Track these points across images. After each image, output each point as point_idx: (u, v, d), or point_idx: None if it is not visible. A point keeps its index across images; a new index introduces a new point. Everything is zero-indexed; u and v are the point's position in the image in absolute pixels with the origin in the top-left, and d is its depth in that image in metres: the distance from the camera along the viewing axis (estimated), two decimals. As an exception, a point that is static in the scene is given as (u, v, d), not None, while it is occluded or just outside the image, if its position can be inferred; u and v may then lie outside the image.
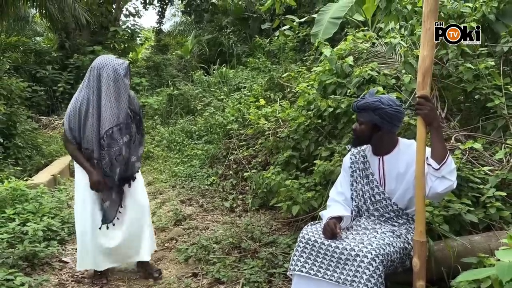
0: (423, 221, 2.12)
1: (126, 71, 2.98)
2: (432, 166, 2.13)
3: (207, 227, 4.23)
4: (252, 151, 5.66)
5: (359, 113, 2.43)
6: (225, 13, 16.83)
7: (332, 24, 8.31)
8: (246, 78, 9.77)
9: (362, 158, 2.52)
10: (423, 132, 2.13)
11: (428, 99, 2.09)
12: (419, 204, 2.13)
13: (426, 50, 2.08)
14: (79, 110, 2.96)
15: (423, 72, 2.08)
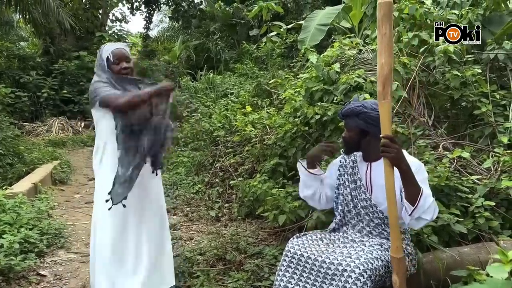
0: (398, 236, 2.02)
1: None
2: (406, 209, 2.08)
3: (191, 237, 4.13)
4: (239, 158, 5.57)
5: (345, 120, 2.39)
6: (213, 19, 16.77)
7: (319, 31, 8.29)
8: (233, 84, 9.70)
9: (351, 163, 2.46)
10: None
11: (393, 140, 1.96)
12: (392, 219, 2.02)
13: (384, 57, 1.91)
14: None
15: (383, 81, 1.91)
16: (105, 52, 2.71)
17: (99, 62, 2.73)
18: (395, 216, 1.98)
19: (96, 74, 2.75)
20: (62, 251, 4.05)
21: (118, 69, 2.70)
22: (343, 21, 9.74)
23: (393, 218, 1.99)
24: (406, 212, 2.08)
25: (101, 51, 2.75)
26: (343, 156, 2.54)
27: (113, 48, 2.73)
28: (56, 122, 11.74)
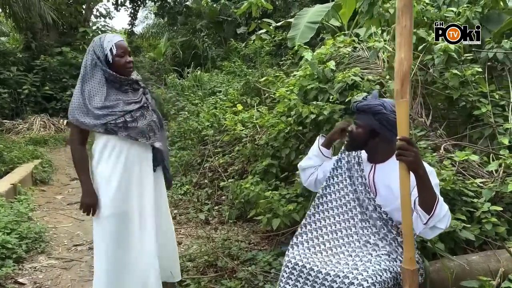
0: (412, 246, 1.87)
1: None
2: (420, 217, 1.92)
3: (180, 242, 3.94)
4: (228, 158, 5.39)
5: (357, 115, 2.23)
6: (199, 16, 16.53)
7: (309, 29, 8.17)
8: (221, 82, 9.50)
9: (356, 165, 2.31)
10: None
11: (411, 142, 1.79)
12: (406, 229, 1.86)
13: (404, 52, 1.75)
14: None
15: (402, 78, 1.75)
16: (108, 43, 2.44)
17: (98, 55, 2.43)
18: (409, 225, 1.83)
19: (83, 74, 2.46)
20: (42, 256, 3.83)
21: (124, 62, 2.46)
22: (332, 20, 9.65)
23: (407, 228, 1.83)
24: (420, 220, 1.92)
25: (100, 42, 2.45)
26: (345, 152, 2.38)
27: (116, 39, 2.48)
28: (37, 119, 11.38)
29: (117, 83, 2.47)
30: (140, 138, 2.48)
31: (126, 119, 2.42)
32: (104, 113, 2.38)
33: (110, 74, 2.43)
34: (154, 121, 2.59)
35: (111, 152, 2.45)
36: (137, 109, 2.49)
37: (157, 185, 2.70)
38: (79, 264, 3.69)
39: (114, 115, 2.40)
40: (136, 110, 2.48)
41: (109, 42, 2.44)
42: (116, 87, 2.48)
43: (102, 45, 2.45)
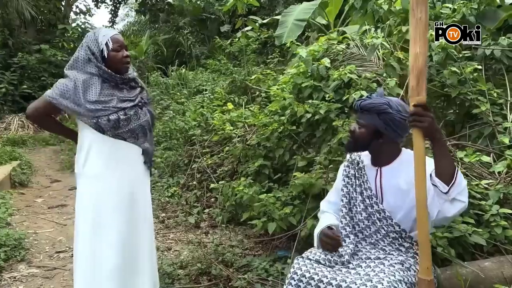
0: (428, 255, 1.74)
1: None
2: (439, 188, 1.77)
3: (169, 247, 3.76)
4: (217, 159, 5.21)
5: (360, 114, 2.07)
6: (182, 14, 16.28)
7: (296, 26, 8.04)
8: (206, 80, 9.30)
9: (360, 171, 2.15)
10: (421, 148, 1.69)
11: (426, 107, 1.69)
12: (422, 234, 1.73)
13: (419, 46, 1.64)
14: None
15: (417, 74, 1.64)
16: (103, 37, 2.28)
17: (93, 51, 2.26)
18: (425, 233, 1.69)
19: (73, 65, 2.29)
20: (22, 265, 3.61)
21: (120, 57, 2.30)
22: (318, 17, 9.54)
23: (423, 235, 1.70)
24: (438, 193, 1.77)
25: (94, 37, 2.29)
26: (349, 161, 2.23)
27: (112, 33, 2.32)
28: (15, 119, 11.02)
29: (112, 81, 2.31)
30: (128, 138, 2.33)
31: (119, 116, 2.26)
32: (96, 107, 2.22)
33: (105, 72, 2.27)
34: (147, 121, 2.43)
35: (99, 151, 2.28)
36: (131, 107, 2.33)
37: (146, 187, 2.54)
38: (62, 273, 3.47)
39: (108, 111, 2.24)
40: (130, 108, 2.32)
41: (104, 36, 2.28)
42: (112, 84, 2.32)
43: (97, 39, 2.28)
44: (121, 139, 2.30)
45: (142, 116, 2.38)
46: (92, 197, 2.28)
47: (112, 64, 2.29)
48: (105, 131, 2.24)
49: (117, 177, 2.31)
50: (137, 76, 2.50)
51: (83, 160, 2.30)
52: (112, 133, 2.26)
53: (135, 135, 2.34)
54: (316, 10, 8.57)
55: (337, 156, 3.36)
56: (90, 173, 2.29)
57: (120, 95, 2.31)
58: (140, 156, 2.41)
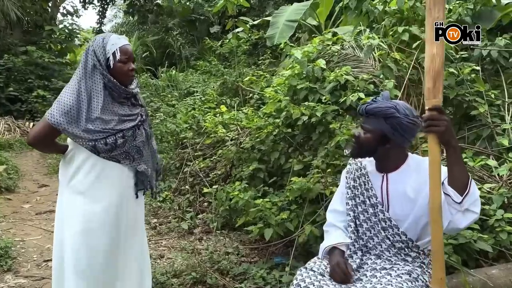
0: (442, 265, 1.64)
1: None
2: (452, 197, 1.69)
3: (162, 255, 3.64)
4: (209, 162, 5.11)
5: (366, 118, 1.96)
6: (171, 15, 16.16)
7: (288, 27, 7.98)
8: (197, 82, 9.20)
9: (363, 177, 2.06)
10: (437, 154, 1.61)
11: (442, 111, 1.61)
12: (436, 244, 1.64)
13: (436, 47, 1.58)
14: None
15: (434, 76, 1.57)
16: (112, 46, 2.13)
17: (98, 58, 2.12)
18: (439, 241, 1.61)
19: (83, 74, 2.13)
20: (9, 275, 3.46)
21: (126, 70, 2.16)
22: (309, 19, 9.49)
23: (437, 244, 1.61)
24: (450, 203, 1.69)
25: (102, 43, 2.14)
26: (351, 168, 2.14)
27: (121, 43, 2.16)
28: (1, 122, 10.79)
29: (115, 92, 2.17)
30: (122, 160, 2.19)
31: (117, 139, 2.13)
32: (96, 128, 2.08)
33: (109, 81, 2.13)
34: (142, 141, 2.27)
35: (90, 169, 2.15)
36: (129, 128, 2.19)
37: (137, 212, 2.39)
38: (50, 283, 3.32)
39: (106, 133, 2.10)
40: (128, 129, 2.18)
41: (113, 45, 2.14)
42: (114, 96, 2.17)
43: (104, 47, 2.14)
44: (115, 161, 2.17)
45: (138, 137, 2.24)
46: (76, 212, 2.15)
47: (116, 75, 2.15)
48: (100, 152, 2.11)
49: (104, 201, 2.18)
50: (139, 92, 2.37)
51: (70, 174, 2.17)
52: (106, 155, 2.13)
53: (130, 157, 2.21)
54: (307, 11, 8.52)
55: (334, 159, 3.28)
56: (76, 189, 2.16)
57: (121, 112, 2.18)
58: (132, 180, 2.27)
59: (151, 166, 2.35)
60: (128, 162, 2.20)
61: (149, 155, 2.34)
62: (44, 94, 11.85)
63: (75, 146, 2.17)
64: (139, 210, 2.40)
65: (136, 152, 2.23)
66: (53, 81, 12.75)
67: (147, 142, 2.32)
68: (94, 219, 2.15)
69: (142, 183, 2.30)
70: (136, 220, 2.35)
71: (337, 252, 1.94)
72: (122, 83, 2.17)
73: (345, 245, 1.98)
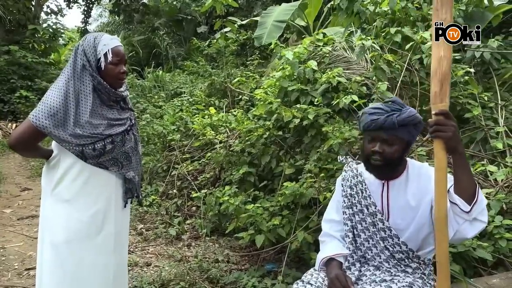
0: (447, 276, 1.58)
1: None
2: (459, 206, 1.61)
3: (149, 262, 3.51)
4: (198, 165, 4.99)
5: (391, 130, 1.79)
6: (157, 14, 15.97)
7: (276, 28, 7.90)
8: (184, 82, 9.06)
9: (360, 185, 1.94)
10: (443, 160, 1.54)
11: (449, 116, 1.55)
12: (441, 254, 1.57)
13: (443, 49, 1.53)
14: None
15: (441, 79, 1.52)
16: (103, 46, 2.01)
17: (88, 58, 2.01)
18: (445, 251, 1.53)
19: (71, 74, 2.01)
20: (-12, 285, 3.31)
21: (117, 72, 2.05)
22: (297, 19, 9.42)
23: (442, 254, 1.53)
24: (457, 212, 1.62)
25: (93, 43, 2.02)
26: (347, 176, 2.02)
27: (113, 44, 2.05)
28: (-18, 123, 10.52)
29: (105, 94, 2.05)
30: (110, 166, 2.09)
31: (105, 144, 2.01)
32: (84, 132, 1.96)
33: (99, 83, 2.02)
34: (131, 147, 2.17)
35: (76, 176, 2.02)
36: (119, 133, 2.08)
37: (124, 221, 2.28)
38: (32, 293, 3.20)
39: (94, 138, 1.98)
40: (117, 134, 2.07)
41: (105, 46, 2.02)
42: (103, 99, 2.05)
43: (95, 47, 2.01)
44: (103, 167, 2.06)
45: (127, 142, 2.13)
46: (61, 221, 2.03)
47: (107, 78, 2.03)
48: (87, 158, 2.00)
49: (91, 210, 2.06)
50: (128, 95, 2.25)
51: (55, 181, 2.04)
52: (94, 162, 2.02)
53: (118, 164, 2.10)
54: (295, 12, 8.46)
55: (327, 163, 3.20)
56: (60, 197, 2.04)
57: (110, 115, 2.07)
58: (120, 187, 2.16)
59: (138, 173, 2.24)
60: (116, 169, 2.10)
61: (137, 162, 2.23)
62: (27, 94, 11.59)
63: (60, 151, 2.05)
64: (126, 219, 2.29)
65: (124, 158, 2.12)
66: (36, 82, 12.49)
67: (135, 147, 2.21)
68: (80, 229, 2.04)
69: (130, 191, 2.19)
70: (122, 230, 2.24)
71: (334, 263, 1.84)
72: (112, 86, 2.06)
73: (343, 256, 1.89)
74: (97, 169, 2.04)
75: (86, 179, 2.03)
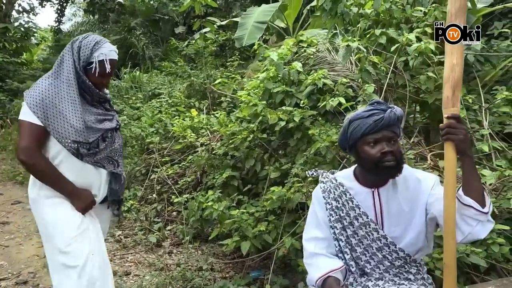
0: (454, 279, 1.55)
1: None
2: (475, 208, 1.58)
3: (128, 271, 3.36)
4: (178, 168, 4.85)
5: (393, 127, 1.72)
6: (133, 14, 15.67)
7: (257, 29, 7.83)
8: (162, 83, 8.87)
9: (344, 195, 1.81)
10: (453, 163, 1.54)
11: (460, 120, 1.57)
12: (449, 257, 1.55)
13: (456, 57, 1.58)
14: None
15: (453, 85, 1.56)
16: (102, 54, 1.99)
17: (80, 57, 1.97)
18: (453, 253, 1.50)
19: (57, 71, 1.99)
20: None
21: (100, 81, 2.03)
22: (277, 20, 9.37)
23: (450, 255, 1.52)
24: (473, 215, 1.59)
25: (91, 46, 1.99)
26: (325, 187, 1.86)
27: (112, 55, 2.03)
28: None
29: (88, 94, 2.02)
30: (107, 165, 2.04)
31: (98, 140, 1.97)
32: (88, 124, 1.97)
33: (83, 82, 1.99)
34: (120, 145, 2.16)
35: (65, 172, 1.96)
36: (110, 130, 2.06)
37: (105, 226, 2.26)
38: (3, 306, 3.01)
39: (90, 131, 1.94)
40: (109, 130, 2.05)
41: (103, 55, 2.00)
42: (87, 99, 2.02)
43: (92, 51, 1.99)
44: (100, 166, 2.01)
45: (116, 139, 2.12)
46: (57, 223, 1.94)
47: (90, 79, 2.00)
48: (83, 156, 1.93)
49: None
50: (110, 99, 2.24)
51: (38, 187, 1.95)
52: (91, 160, 1.96)
53: (113, 162, 2.07)
54: (275, 13, 8.41)
55: (314, 167, 3.12)
56: (48, 196, 1.95)
57: (97, 111, 2.04)
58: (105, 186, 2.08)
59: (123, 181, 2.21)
60: (112, 167, 2.06)
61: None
62: (-3, 95, 11.22)
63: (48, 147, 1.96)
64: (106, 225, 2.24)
65: (118, 156, 2.11)
66: (7, 82, 12.10)
67: (122, 146, 2.21)
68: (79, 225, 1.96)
69: (116, 193, 2.13)
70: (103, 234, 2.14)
71: (332, 281, 1.74)
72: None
73: (339, 272, 1.78)
74: (86, 167, 1.97)
75: (74, 178, 1.97)
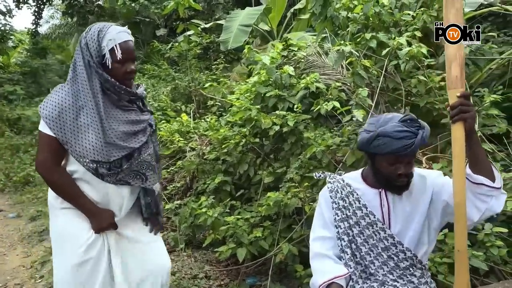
0: (467, 267, 1.58)
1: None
2: (487, 184, 1.59)
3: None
4: (166, 173, 4.78)
5: (416, 149, 1.70)
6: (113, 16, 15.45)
7: (242, 32, 7.83)
8: (146, 87, 8.75)
9: (351, 195, 1.84)
10: (462, 145, 1.53)
11: (469, 97, 1.57)
12: (460, 243, 1.56)
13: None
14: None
15: (461, 63, 1.58)
16: (109, 41, 1.74)
17: (91, 53, 1.74)
18: (464, 238, 1.53)
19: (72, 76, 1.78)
20: None
21: (123, 72, 1.77)
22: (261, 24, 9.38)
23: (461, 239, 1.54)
24: (486, 191, 1.60)
25: (97, 37, 1.74)
26: (332, 187, 1.89)
27: (122, 38, 1.76)
28: None
29: (115, 94, 1.77)
30: (133, 180, 1.83)
31: (122, 159, 1.77)
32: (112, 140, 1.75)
33: (106, 80, 1.75)
34: (150, 155, 1.89)
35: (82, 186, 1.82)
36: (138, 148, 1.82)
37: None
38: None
39: (113, 148, 1.74)
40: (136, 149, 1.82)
41: (111, 41, 1.74)
42: (113, 100, 1.78)
43: (100, 42, 1.74)
44: (124, 183, 1.81)
45: (143, 150, 1.86)
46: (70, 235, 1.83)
47: (111, 75, 1.76)
48: (104, 176, 1.75)
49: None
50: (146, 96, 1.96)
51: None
52: (112, 180, 1.77)
53: (140, 176, 1.84)
54: (259, 16, 8.41)
55: (309, 171, 3.11)
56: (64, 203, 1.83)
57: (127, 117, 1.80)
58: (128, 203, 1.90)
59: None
60: (140, 182, 1.85)
61: (160, 169, 2.01)
62: (-27, 100, 10.92)
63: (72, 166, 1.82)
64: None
65: (146, 168, 1.86)
66: (-17, 86, 11.80)
67: (154, 154, 1.95)
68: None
69: (149, 207, 1.93)
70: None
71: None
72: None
73: (343, 279, 1.76)
74: (106, 185, 1.80)
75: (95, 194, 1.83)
